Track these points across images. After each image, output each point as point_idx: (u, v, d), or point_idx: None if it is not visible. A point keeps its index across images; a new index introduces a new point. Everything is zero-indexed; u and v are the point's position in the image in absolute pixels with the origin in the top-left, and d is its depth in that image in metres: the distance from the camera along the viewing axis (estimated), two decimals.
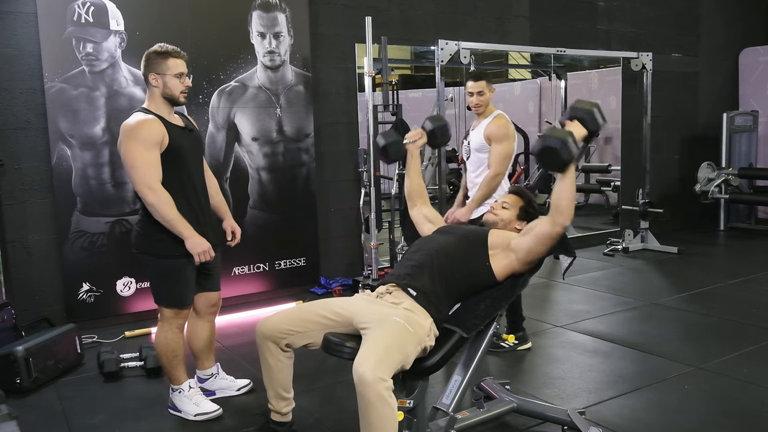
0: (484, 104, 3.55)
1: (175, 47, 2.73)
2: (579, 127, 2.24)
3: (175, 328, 2.80)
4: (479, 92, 3.51)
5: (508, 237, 2.42)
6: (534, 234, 2.29)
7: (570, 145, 2.10)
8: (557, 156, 2.11)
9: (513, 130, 3.57)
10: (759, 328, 3.87)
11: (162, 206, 2.58)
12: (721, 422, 2.71)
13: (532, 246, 2.29)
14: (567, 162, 2.12)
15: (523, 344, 3.62)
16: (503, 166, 3.48)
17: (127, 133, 2.61)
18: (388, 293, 2.33)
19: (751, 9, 8.01)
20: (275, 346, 2.33)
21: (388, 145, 2.75)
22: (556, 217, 2.21)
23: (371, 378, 1.87)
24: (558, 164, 2.14)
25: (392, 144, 2.75)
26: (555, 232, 2.24)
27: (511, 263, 2.34)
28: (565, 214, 2.20)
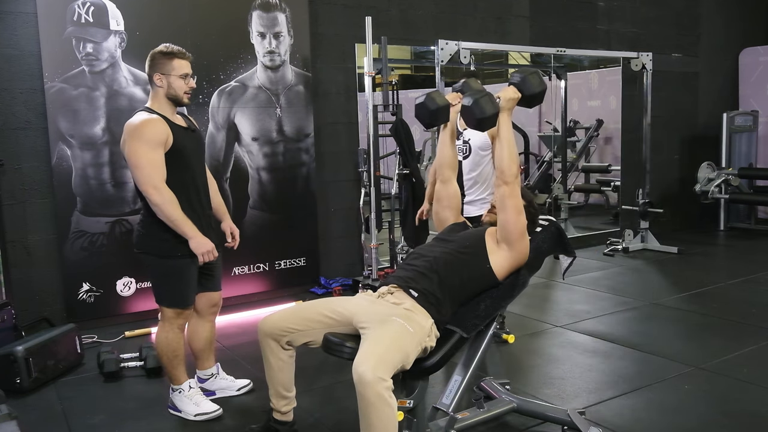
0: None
1: (180, 48, 2.73)
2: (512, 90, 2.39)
3: (176, 328, 2.80)
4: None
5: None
6: (500, 207, 2.36)
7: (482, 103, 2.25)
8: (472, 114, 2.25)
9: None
10: (759, 328, 3.87)
11: (166, 206, 2.58)
12: (721, 422, 2.71)
13: (505, 219, 2.34)
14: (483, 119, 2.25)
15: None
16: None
17: (132, 133, 2.61)
18: (390, 294, 2.33)
19: (751, 9, 8.01)
20: (276, 344, 2.33)
21: (439, 109, 2.48)
22: (499, 176, 2.35)
23: (371, 378, 1.87)
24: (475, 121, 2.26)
25: (442, 108, 2.49)
26: (504, 190, 2.32)
27: (506, 255, 2.36)
28: (506, 170, 2.33)
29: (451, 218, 2.67)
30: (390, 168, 5.79)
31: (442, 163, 2.67)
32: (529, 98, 2.41)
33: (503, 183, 2.33)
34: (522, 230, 2.35)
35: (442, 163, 2.67)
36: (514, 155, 2.35)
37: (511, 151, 2.35)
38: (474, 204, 3.59)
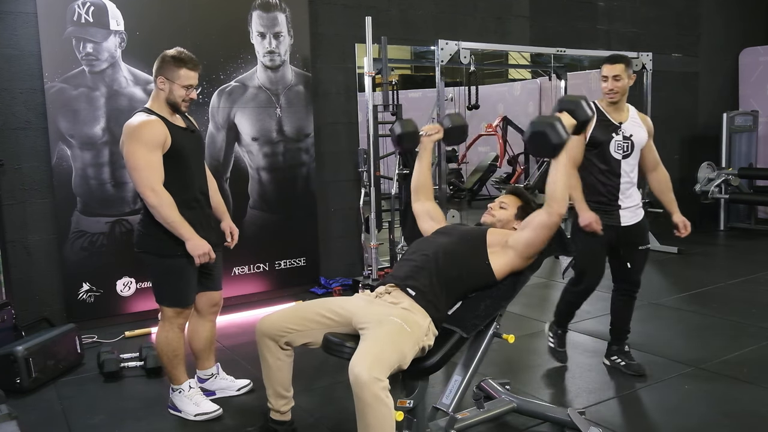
0: (621, 92, 3.08)
1: (192, 56, 2.71)
2: (568, 117, 2.26)
3: (177, 327, 2.80)
4: (615, 77, 3.04)
5: (505, 234, 2.43)
6: (532, 226, 2.30)
7: (559, 129, 2.10)
8: (547, 140, 2.11)
9: None
10: (759, 328, 3.87)
11: (163, 208, 2.58)
12: (721, 422, 2.71)
13: (531, 238, 2.29)
14: (557, 145, 2.12)
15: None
16: None
17: (130, 134, 2.61)
18: (387, 293, 2.33)
19: (751, 9, 8.01)
20: (274, 344, 2.33)
21: (404, 134, 2.72)
22: (552, 204, 2.22)
23: (367, 378, 1.87)
24: (548, 149, 2.14)
25: (408, 134, 2.73)
26: (552, 221, 2.24)
27: (510, 260, 2.35)
28: (560, 201, 2.21)
29: (437, 226, 2.68)
30: (390, 168, 5.79)
31: (415, 186, 2.79)
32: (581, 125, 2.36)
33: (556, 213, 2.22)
34: (534, 250, 2.35)
35: (416, 186, 2.79)
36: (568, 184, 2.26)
37: (567, 181, 2.25)
38: (631, 210, 3.15)
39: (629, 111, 3.15)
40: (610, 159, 3.08)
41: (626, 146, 3.09)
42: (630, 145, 3.09)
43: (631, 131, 3.09)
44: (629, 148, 3.09)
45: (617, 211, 3.11)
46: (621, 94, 3.08)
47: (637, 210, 3.16)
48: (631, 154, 3.10)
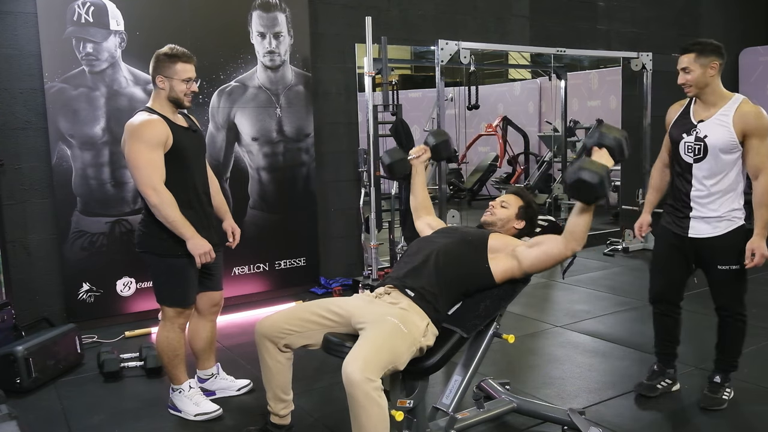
0: (695, 85, 2.73)
1: (185, 50, 2.72)
2: (607, 158, 2.13)
3: (177, 327, 2.80)
4: (684, 69, 2.76)
5: (511, 243, 2.41)
6: (543, 250, 2.30)
7: (606, 182, 2.03)
8: (593, 191, 2.04)
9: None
10: (759, 328, 3.87)
11: (164, 207, 2.58)
12: (722, 422, 2.71)
13: (539, 260, 2.30)
14: (600, 198, 2.07)
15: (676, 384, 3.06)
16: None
17: (132, 133, 2.61)
18: (387, 294, 2.33)
19: (751, 9, 8.02)
20: (273, 346, 2.32)
21: (394, 163, 2.80)
22: (570, 242, 2.22)
23: (359, 378, 1.87)
24: (590, 199, 2.09)
25: (397, 162, 2.80)
26: (565, 255, 2.26)
27: (512, 269, 2.34)
28: (580, 240, 2.22)
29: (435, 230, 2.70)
30: None
31: (414, 206, 2.85)
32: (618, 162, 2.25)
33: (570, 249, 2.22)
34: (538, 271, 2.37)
35: (415, 206, 2.85)
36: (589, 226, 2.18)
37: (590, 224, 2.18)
38: (708, 222, 2.78)
39: (723, 107, 2.70)
40: (681, 161, 2.78)
41: (697, 149, 2.71)
42: (702, 147, 2.70)
43: (707, 131, 2.69)
44: (701, 151, 2.71)
45: (686, 219, 2.79)
46: (697, 88, 2.72)
47: (720, 223, 2.77)
48: (703, 158, 2.71)
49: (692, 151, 2.75)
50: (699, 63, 2.69)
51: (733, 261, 2.79)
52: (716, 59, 2.69)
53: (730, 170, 2.73)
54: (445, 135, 2.84)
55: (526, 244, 2.38)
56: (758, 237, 2.69)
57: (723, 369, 2.92)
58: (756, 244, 2.71)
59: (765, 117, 2.64)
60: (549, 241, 2.32)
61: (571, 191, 2.10)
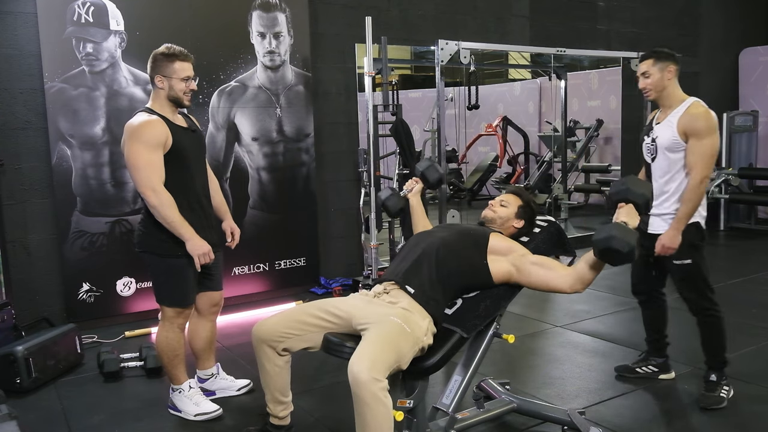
0: (655, 89, 2.90)
1: (182, 49, 2.72)
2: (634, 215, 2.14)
3: (177, 327, 2.80)
4: (643, 73, 2.92)
5: (514, 249, 2.39)
6: (547, 279, 2.29)
7: (635, 251, 2.03)
8: (622, 259, 2.04)
9: (715, 119, 2.82)
10: (759, 328, 3.87)
11: (164, 208, 2.58)
12: (722, 422, 2.71)
13: (537, 283, 2.31)
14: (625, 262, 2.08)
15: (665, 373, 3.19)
16: (709, 168, 2.78)
17: (131, 134, 2.61)
18: (386, 292, 2.32)
19: (751, 9, 8.02)
20: (272, 350, 2.31)
21: (387, 200, 2.79)
22: (577, 284, 2.24)
23: (366, 378, 1.87)
24: (618, 264, 2.09)
25: (390, 198, 2.79)
26: (565, 292, 2.29)
27: (510, 274, 2.34)
28: (586, 286, 2.25)
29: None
30: (390, 168, 5.79)
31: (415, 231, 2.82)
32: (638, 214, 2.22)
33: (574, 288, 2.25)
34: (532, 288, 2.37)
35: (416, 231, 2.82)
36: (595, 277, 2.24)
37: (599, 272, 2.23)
38: (664, 219, 2.89)
39: (675, 109, 2.86)
40: (644, 162, 3.02)
41: (653, 149, 2.93)
42: (655, 148, 2.90)
43: (659, 132, 2.89)
44: (655, 151, 2.91)
45: (648, 216, 2.90)
46: (656, 91, 2.90)
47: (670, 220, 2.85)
48: (656, 157, 2.91)
49: (650, 151, 2.96)
50: (657, 67, 2.87)
51: (685, 256, 2.89)
52: (672, 64, 2.89)
53: (681, 169, 2.85)
54: (430, 161, 2.86)
55: (531, 259, 2.34)
56: (671, 229, 2.82)
57: (712, 366, 2.96)
58: (665, 235, 2.83)
59: (705, 119, 2.77)
60: (557, 270, 2.29)
61: (601, 256, 2.12)
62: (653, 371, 3.15)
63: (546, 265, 2.32)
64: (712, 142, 2.76)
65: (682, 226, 2.80)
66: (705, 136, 2.75)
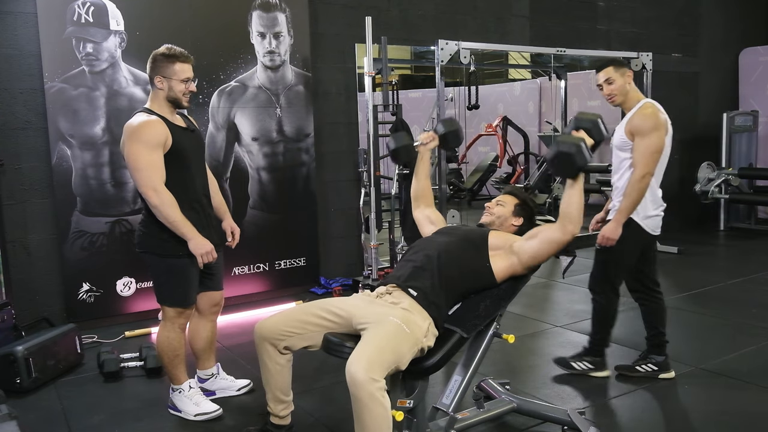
0: (620, 93, 3.05)
1: (182, 50, 2.71)
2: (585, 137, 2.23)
3: (178, 327, 2.80)
4: (607, 80, 3.04)
5: (509, 239, 2.41)
6: (540, 239, 2.30)
7: (584, 151, 2.11)
8: (572, 161, 2.11)
9: (664, 120, 3.00)
10: (759, 328, 3.87)
11: (165, 208, 2.58)
12: (721, 422, 2.71)
13: (538, 250, 2.30)
14: (581, 167, 2.12)
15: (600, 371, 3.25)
16: (651, 165, 2.93)
17: (131, 135, 2.61)
18: (388, 293, 2.33)
19: (751, 9, 8.02)
20: (273, 348, 2.32)
21: (400, 148, 2.75)
22: (566, 224, 2.22)
23: (363, 378, 1.87)
24: (572, 170, 2.14)
25: (403, 147, 2.75)
26: (564, 239, 2.25)
27: (512, 265, 2.34)
28: (575, 221, 2.21)
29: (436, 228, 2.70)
30: (390, 168, 5.79)
31: (414, 195, 2.82)
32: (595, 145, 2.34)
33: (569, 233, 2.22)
34: (539, 262, 2.35)
35: (415, 195, 2.82)
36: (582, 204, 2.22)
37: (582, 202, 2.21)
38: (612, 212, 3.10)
39: (631, 111, 3.05)
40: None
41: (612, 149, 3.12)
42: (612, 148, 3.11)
43: (616, 133, 3.08)
44: (612, 151, 3.12)
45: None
46: (621, 95, 3.06)
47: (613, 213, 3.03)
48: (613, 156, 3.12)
49: (611, 151, 3.15)
50: (618, 73, 3.04)
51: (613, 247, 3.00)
52: (628, 69, 3.09)
53: (629, 167, 2.99)
54: (456, 125, 2.77)
55: (523, 238, 2.38)
56: (612, 221, 2.97)
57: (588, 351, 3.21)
58: (606, 226, 2.99)
59: (650, 118, 2.94)
60: (546, 229, 2.32)
61: (553, 168, 2.20)
62: (653, 370, 3.16)
63: (535, 232, 2.35)
64: (653, 141, 2.91)
65: (622, 219, 2.94)
66: (648, 134, 2.92)
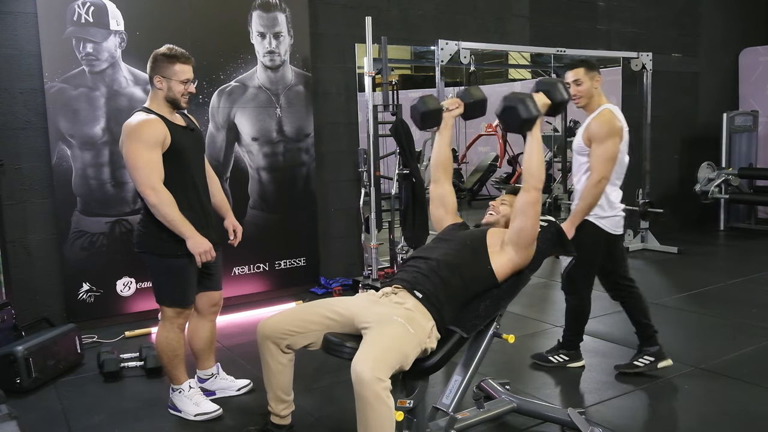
0: (586, 95, 3.11)
1: (183, 51, 2.71)
2: (543, 97, 2.40)
3: (177, 327, 2.80)
4: (575, 81, 3.09)
5: (503, 233, 2.43)
6: (515, 212, 2.34)
7: (528, 104, 2.23)
8: (517, 114, 2.23)
9: (619, 127, 3.04)
10: (759, 328, 3.87)
11: (164, 207, 2.58)
12: (721, 422, 2.71)
13: (520, 222, 2.31)
14: (527, 119, 2.24)
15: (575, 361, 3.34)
16: (607, 170, 2.98)
17: (129, 134, 2.61)
18: (394, 293, 2.33)
19: (751, 9, 8.02)
20: (275, 347, 2.32)
21: (427, 112, 2.62)
22: (528, 180, 2.29)
23: (369, 378, 1.87)
24: (519, 122, 2.25)
25: (431, 112, 2.62)
26: (531, 196, 2.29)
27: (510, 258, 2.35)
28: (536, 175, 2.28)
29: (447, 217, 2.69)
30: (390, 168, 5.79)
31: (435, 163, 2.72)
32: (556, 106, 2.49)
33: (533, 188, 2.28)
34: (534, 237, 2.35)
35: (436, 163, 2.72)
36: (543, 161, 2.34)
37: (542, 156, 2.33)
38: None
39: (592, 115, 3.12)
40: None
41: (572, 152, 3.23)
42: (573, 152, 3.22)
43: (575, 138, 3.20)
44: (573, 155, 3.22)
45: None
46: (586, 98, 3.13)
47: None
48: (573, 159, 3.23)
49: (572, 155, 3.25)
50: (588, 76, 3.10)
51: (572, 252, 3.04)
52: (598, 74, 3.14)
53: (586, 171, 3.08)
54: (482, 95, 2.68)
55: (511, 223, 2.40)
56: (567, 222, 3.02)
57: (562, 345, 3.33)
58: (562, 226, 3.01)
59: (606, 124, 3.00)
60: (515, 203, 2.37)
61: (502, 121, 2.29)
62: (651, 361, 3.17)
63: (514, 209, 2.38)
64: (608, 148, 2.97)
65: (576, 221, 3.00)
66: (603, 141, 2.98)
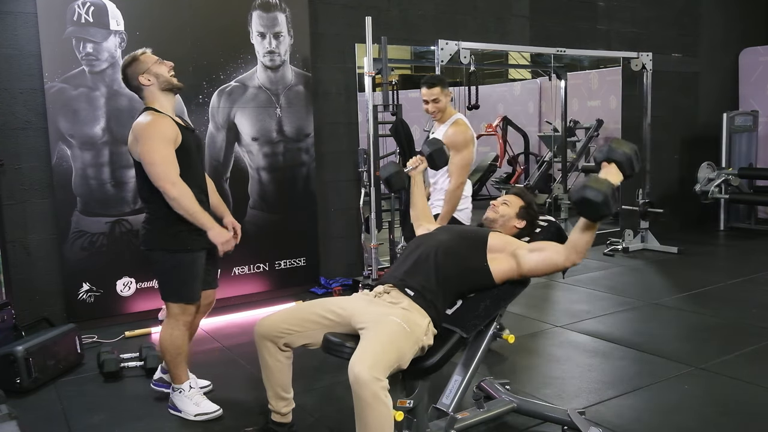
0: (441, 110, 3.54)
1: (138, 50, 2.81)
2: (616, 173, 2.11)
3: (182, 324, 2.81)
4: (434, 100, 3.50)
5: (511, 244, 2.41)
6: (544, 258, 2.30)
7: (611, 201, 2.02)
8: (597, 210, 2.04)
9: (472, 136, 3.51)
10: (759, 328, 3.87)
11: (184, 200, 2.61)
12: (721, 422, 2.71)
13: (537, 266, 2.32)
14: (605, 216, 2.08)
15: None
16: (464, 176, 3.46)
17: (143, 132, 2.63)
18: (386, 293, 2.33)
19: (751, 9, 8.01)
20: (273, 345, 2.33)
21: (390, 177, 2.85)
22: (572, 254, 2.23)
23: (367, 377, 1.88)
24: (595, 217, 2.10)
25: (393, 175, 2.85)
26: (564, 266, 2.28)
27: (510, 270, 2.35)
28: (581, 254, 2.24)
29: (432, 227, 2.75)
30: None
31: (416, 217, 2.89)
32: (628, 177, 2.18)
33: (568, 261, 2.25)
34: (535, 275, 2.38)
35: (417, 216, 2.88)
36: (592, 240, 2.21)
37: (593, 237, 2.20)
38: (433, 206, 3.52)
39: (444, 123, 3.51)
40: None
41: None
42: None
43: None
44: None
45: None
46: (441, 112, 3.53)
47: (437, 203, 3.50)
48: None
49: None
50: (443, 93, 3.51)
51: None
52: (449, 90, 3.58)
53: (444, 172, 3.46)
54: (440, 143, 2.88)
55: (528, 247, 2.38)
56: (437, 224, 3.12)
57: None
58: None
59: (462, 135, 3.44)
60: (551, 248, 2.32)
61: (577, 208, 2.11)
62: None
63: (541, 247, 2.36)
64: (465, 156, 3.43)
65: (444, 223, 3.34)
66: (461, 149, 3.41)
